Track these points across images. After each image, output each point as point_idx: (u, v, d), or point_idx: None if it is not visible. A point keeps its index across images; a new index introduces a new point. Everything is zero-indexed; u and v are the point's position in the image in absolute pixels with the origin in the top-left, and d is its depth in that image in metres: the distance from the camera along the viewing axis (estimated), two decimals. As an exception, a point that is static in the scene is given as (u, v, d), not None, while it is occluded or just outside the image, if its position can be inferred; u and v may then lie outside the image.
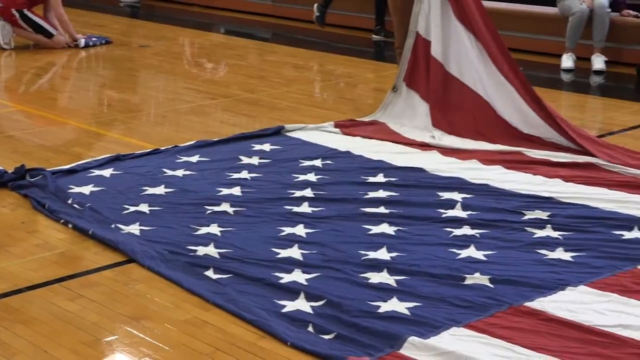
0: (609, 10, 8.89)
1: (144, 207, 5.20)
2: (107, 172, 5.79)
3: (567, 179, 5.56)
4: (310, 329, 3.86)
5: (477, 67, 6.48)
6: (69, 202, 5.23)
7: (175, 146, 6.34)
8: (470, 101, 6.50)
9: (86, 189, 5.47)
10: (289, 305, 4.05)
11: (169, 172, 5.80)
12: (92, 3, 13.18)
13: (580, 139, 6.05)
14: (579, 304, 4.00)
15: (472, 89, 6.48)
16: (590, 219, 4.94)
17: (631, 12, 9.10)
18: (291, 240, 4.74)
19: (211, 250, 4.60)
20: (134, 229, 4.89)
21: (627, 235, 4.74)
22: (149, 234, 4.83)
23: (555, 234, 4.77)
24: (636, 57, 8.66)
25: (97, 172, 5.79)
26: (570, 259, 4.48)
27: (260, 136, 6.62)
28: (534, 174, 5.68)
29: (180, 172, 5.80)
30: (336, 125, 6.80)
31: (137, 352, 3.68)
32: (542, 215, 5.02)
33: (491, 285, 4.20)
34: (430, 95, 6.66)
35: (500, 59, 6.40)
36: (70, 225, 4.95)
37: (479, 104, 6.47)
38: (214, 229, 4.88)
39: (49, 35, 10.07)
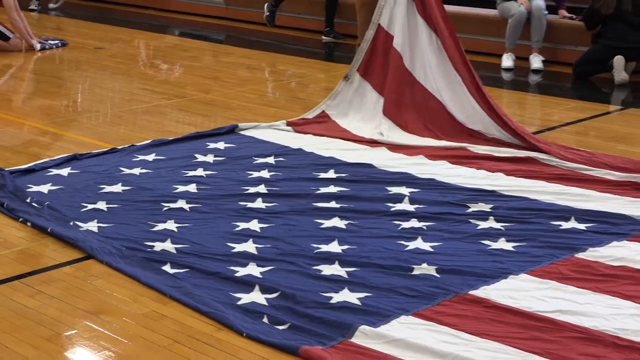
0: (546, 12, 8.97)
1: (101, 205, 5.15)
2: (64, 171, 5.73)
3: (508, 172, 5.61)
4: (265, 320, 3.85)
5: (432, 63, 6.52)
6: (28, 200, 5.17)
7: (132, 145, 6.30)
8: (420, 96, 6.53)
9: (44, 188, 5.41)
10: (245, 298, 4.04)
11: (126, 171, 5.75)
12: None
13: (523, 135, 6.11)
14: (520, 292, 4.04)
15: (422, 84, 6.52)
16: (530, 211, 4.99)
17: (566, 13, 9.18)
18: (246, 235, 4.73)
19: (168, 245, 4.58)
20: (92, 226, 4.85)
21: (565, 225, 4.80)
22: (106, 231, 4.79)
23: (498, 225, 4.81)
24: (572, 56, 8.75)
25: (55, 172, 5.73)
26: (512, 249, 4.52)
27: (215, 135, 6.60)
28: (478, 169, 5.73)
29: (137, 171, 5.76)
30: (288, 124, 6.80)
31: (97, 346, 3.65)
32: (486, 207, 5.05)
33: (438, 275, 4.22)
34: (384, 85, 6.66)
35: (456, 56, 6.43)
36: (29, 224, 4.89)
37: (428, 99, 6.51)
38: (171, 225, 4.85)
39: (6, 38, 9.95)
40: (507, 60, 9.00)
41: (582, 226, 4.77)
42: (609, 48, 8.26)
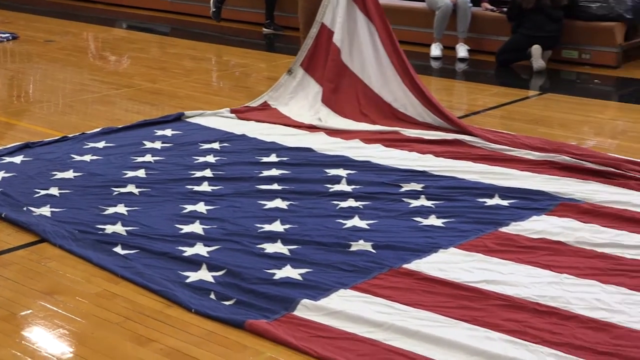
0: (471, 4, 9.04)
1: (54, 191, 5.09)
2: (17, 159, 5.65)
3: (437, 154, 5.65)
4: (212, 296, 3.86)
5: (370, 55, 6.53)
6: (-19, 188, 5.10)
7: (83, 133, 6.22)
8: (356, 86, 6.55)
9: (-2, 175, 5.35)
10: (192, 276, 4.04)
11: (77, 158, 5.69)
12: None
13: (452, 118, 6.17)
14: (449, 264, 4.09)
15: (358, 76, 6.54)
16: (458, 189, 5.03)
17: (489, 5, 9.25)
18: (193, 217, 4.71)
19: (119, 228, 4.54)
20: (45, 211, 4.79)
21: (489, 202, 4.85)
22: (59, 215, 4.74)
23: (429, 203, 4.85)
24: (494, 45, 8.81)
25: (8, 159, 5.65)
26: (442, 225, 4.56)
27: (162, 122, 6.54)
28: (410, 151, 5.76)
29: (87, 157, 5.69)
30: (232, 111, 6.76)
31: (52, 325, 3.63)
32: (417, 187, 5.08)
33: (374, 251, 4.25)
34: (324, 77, 6.65)
35: (390, 48, 6.47)
36: (-17, 210, 4.83)
37: (363, 89, 6.53)
38: (121, 208, 4.81)
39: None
40: (435, 50, 9.05)
41: (505, 202, 4.83)
42: (528, 37, 8.36)
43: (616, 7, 8.45)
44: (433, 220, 4.61)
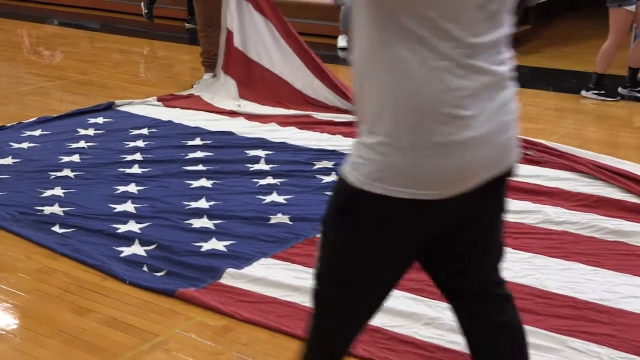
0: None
1: (-6, 176, 5.00)
2: (-42, 148, 5.52)
3: (346, 134, 5.67)
4: (145, 268, 3.85)
5: (272, 49, 6.52)
6: None
7: (20, 122, 6.08)
8: (268, 77, 6.54)
9: (-60, 164, 5.20)
10: (126, 251, 4.02)
11: (15, 145, 5.56)
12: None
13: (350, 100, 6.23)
14: (359, 233, 4.14)
15: (268, 68, 6.54)
16: (365, 165, 5.09)
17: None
18: (125, 197, 4.67)
19: (56, 209, 4.47)
20: (-14, 195, 4.70)
21: (394, 176, 4.92)
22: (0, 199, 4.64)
23: (339, 179, 4.90)
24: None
25: (-50, 149, 5.51)
26: (351, 198, 4.61)
27: (94, 111, 6.44)
28: (321, 132, 5.80)
29: (25, 145, 5.58)
30: (159, 100, 6.71)
31: (-4, 299, 3.57)
32: (329, 164, 5.13)
33: (291, 223, 4.28)
34: (237, 76, 6.66)
35: (291, 41, 6.46)
36: None
37: (275, 79, 6.52)
38: (58, 191, 4.73)
39: None
40: (342, 41, 9.08)
41: (407, 176, 4.90)
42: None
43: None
44: (343, 194, 4.67)
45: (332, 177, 4.90)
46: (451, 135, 1.88)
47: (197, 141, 5.65)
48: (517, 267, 3.74)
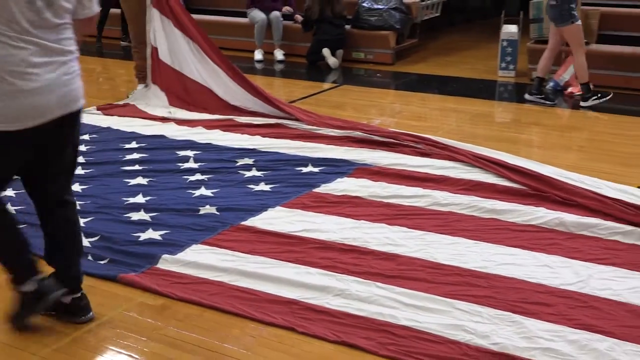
0: (282, 19, 9.06)
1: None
2: None
3: (264, 135, 5.65)
4: (89, 257, 3.74)
5: (194, 62, 6.43)
6: None
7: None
8: (193, 87, 6.45)
9: None
10: (73, 242, 3.89)
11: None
12: None
13: (278, 103, 6.19)
14: (277, 219, 4.13)
15: (192, 78, 6.44)
16: (281, 161, 5.06)
17: (300, 17, 9.28)
18: (70, 195, 4.53)
19: (8, 207, 4.25)
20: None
21: (305, 170, 4.90)
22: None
23: (259, 173, 4.86)
24: (303, 50, 8.89)
25: None
26: (269, 189, 4.58)
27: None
28: (242, 134, 5.73)
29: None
30: (98, 109, 6.52)
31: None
32: (249, 161, 5.07)
33: (218, 213, 4.23)
34: (165, 86, 6.55)
35: (211, 54, 6.38)
36: None
37: (199, 88, 6.43)
38: (9, 192, 4.51)
39: None
40: (258, 54, 9.03)
41: (316, 169, 4.89)
42: (320, 41, 8.53)
43: (389, 20, 8.73)
44: (262, 186, 4.63)
45: (253, 172, 4.87)
46: (22, 85, 2.69)
47: (133, 144, 5.51)
48: (412, 244, 3.79)
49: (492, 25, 10.07)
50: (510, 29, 8.02)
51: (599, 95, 6.74)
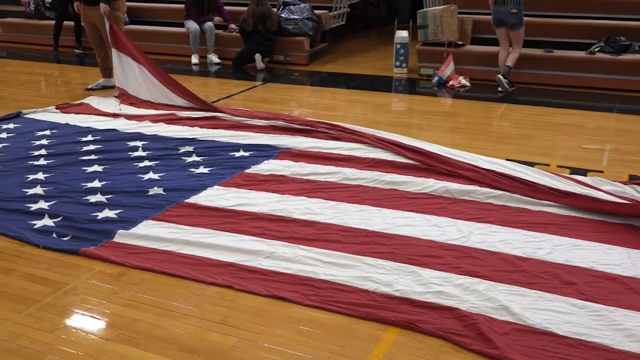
0: (214, 28, 8.87)
1: None
2: None
3: (202, 126, 5.54)
4: (54, 235, 3.60)
5: (140, 78, 6.41)
6: None
7: (-56, 131, 5.51)
8: (142, 92, 6.40)
9: None
10: (38, 223, 3.74)
11: (-58, 149, 5.04)
12: None
13: (205, 102, 6.09)
14: (215, 196, 4.06)
15: (138, 95, 6.45)
16: (217, 148, 4.97)
17: (234, 26, 9.07)
18: (35, 183, 4.34)
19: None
20: None
21: (237, 154, 4.83)
22: None
23: (199, 159, 4.76)
24: (232, 54, 8.74)
25: None
26: (208, 172, 4.50)
27: (6, 119, 5.93)
28: (183, 125, 5.60)
29: (-50, 148, 5.06)
30: (57, 107, 6.27)
31: None
32: (190, 148, 4.97)
33: (164, 193, 4.13)
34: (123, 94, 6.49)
35: (150, 69, 6.35)
36: None
37: (145, 94, 6.36)
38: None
39: None
40: (194, 59, 8.81)
41: (247, 154, 4.83)
42: (252, 49, 8.40)
43: (303, 28, 8.68)
44: (202, 170, 4.54)
45: (193, 158, 4.77)
46: None
47: (89, 137, 5.31)
48: (327, 212, 3.80)
49: (388, 31, 10.18)
50: (402, 34, 8.10)
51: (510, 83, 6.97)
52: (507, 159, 4.64)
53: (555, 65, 7.29)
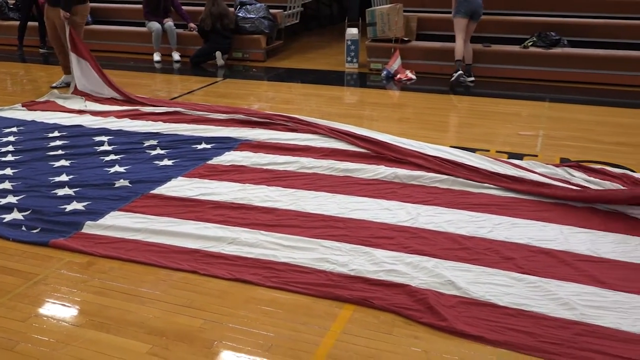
0: (174, 28, 8.70)
1: None
2: None
3: (165, 121, 5.43)
4: (23, 228, 3.49)
5: (85, 71, 6.29)
6: None
7: None
8: (103, 96, 6.26)
9: None
10: (8, 217, 3.62)
11: None
12: None
13: (137, 98, 6.08)
14: (179, 187, 4.00)
15: (101, 95, 6.30)
16: (180, 141, 4.89)
17: (193, 25, 8.90)
18: (3, 178, 4.18)
19: (-53, 192, 3.93)
20: None
21: (199, 147, 4.76)
22: None
23: (163, 152, 4.68)
24: (190, 52, 8.57)
25: None
26: (172, 164, 4.42)
27: (-28, 117, 5.72)
28: (147, 120, 5.48)
29: None
30: (23, 105, 6.04)
31: None
32: (154, 142, 4.88)
33: (130, 185, 4.04)
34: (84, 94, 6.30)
35: (94, 65, 6.26)
36: None
37: (108, 98, 6.20)
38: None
39: None
40: (156, 57, 8.62)
41: (209, 146, 4.77)
42: (212, 47, 8.28)
43: (260, 26, 8.59)
44: (166, 162, 4.46)
45: (157, 151, 4.68)
46: None
47: (56, 133, 5.15)
48: (286, 199, 3.79)
49: (339, 29, 10.16)
50: (352, 31, 8.10)
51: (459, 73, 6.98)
52: (451, 146, 4.71)
53: (493, 58, 7.42)
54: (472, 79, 7.07)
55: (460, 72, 6.95)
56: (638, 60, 6.99)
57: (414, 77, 7.36)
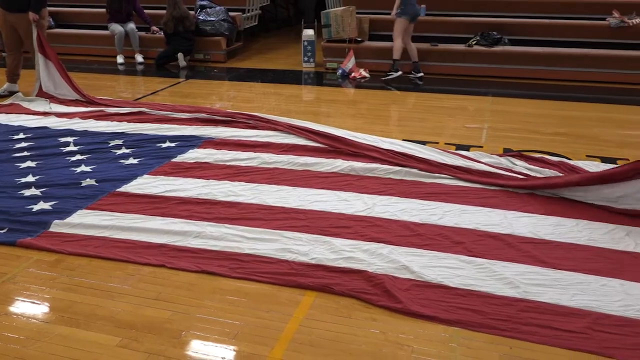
0: (137, 30, 8.49)
1: None
2: None
3: (129, 121, 5.30)
4: (-10, 229, 3.35)
5: (52, 70, 6.07)
6: None
7: None
8: (68, 98, 6.04)
9: None
10: (-26, 219, 3.47)
11: None
12: None
13: (96, 99, 5.95)
14: (145, 185, 3.92)
15: (66, 97, 6.07)
16: (145, 140, 4.79)
17: (156, 28, 8.69)
18: (-32, 181, 4.03)
19: None
20: None
21: (164, 145, 4.67)
22: None
23: (128, 151, 4.58)
24: (156, 54, 8.40)
25: None
26: (137, 162, 4.34)
27: None
28: (112, 121, 5.34)
29: None
30: (-13, 108, 5.83)
31: None
32: (119, 142, 4.77)
33: (97, 184, 3.95)
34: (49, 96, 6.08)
35: (57, 65, 6.06)
36: None
37: (73, 100, 6.00)
38: None
39: None
40: (120, 59, 8.41)
41: (173, 144, 4.68)
42: (174, 49, 8.13)
43: (220, 29, 8.48)
44: (132, 161, 4.37)
45: (123, 150, 4.58)
46: None
47: (21, 135, 4.98)
48: (249, 193, 3.76)
49: (296, 31, 10.12)
50: (308, 33, 8.08)
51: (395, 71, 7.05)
52: (403, 139, 4.75)
53: (440, 57, 7.52)
54: (421, 74, 7.16)
55: (400, 72, 7.06)
56: (574, 57, 7.20)
57: (367, 75, 7.40)
